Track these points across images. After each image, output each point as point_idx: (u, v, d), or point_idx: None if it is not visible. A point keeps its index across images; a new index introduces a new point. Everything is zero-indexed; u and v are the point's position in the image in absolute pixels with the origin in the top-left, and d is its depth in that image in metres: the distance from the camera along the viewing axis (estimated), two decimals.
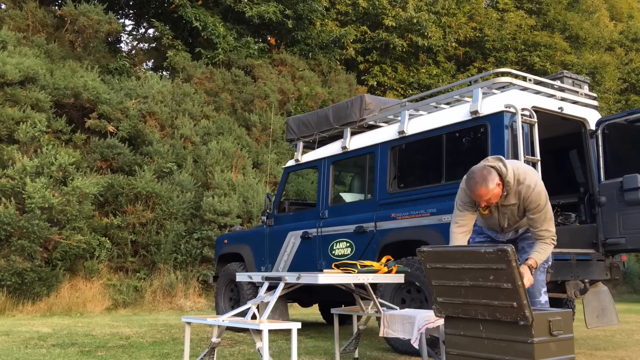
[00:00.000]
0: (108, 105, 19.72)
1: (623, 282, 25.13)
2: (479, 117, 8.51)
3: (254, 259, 12.09)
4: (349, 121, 10.74)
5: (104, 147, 19.29)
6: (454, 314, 5.67)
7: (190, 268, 18.53)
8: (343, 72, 30.10)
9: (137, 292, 17.60)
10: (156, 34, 28.54)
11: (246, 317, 6.57)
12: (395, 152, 9.83)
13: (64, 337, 10.86)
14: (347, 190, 11.99)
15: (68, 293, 16.48)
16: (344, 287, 7.53)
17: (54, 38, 23.16)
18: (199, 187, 19.96)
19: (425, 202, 9.04)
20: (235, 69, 26.13)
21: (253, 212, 19.14)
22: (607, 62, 34.68)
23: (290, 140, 12.27)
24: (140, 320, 14.38)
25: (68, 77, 19.58)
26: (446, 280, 5.64)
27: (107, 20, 23.28)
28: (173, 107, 21.98)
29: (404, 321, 6.88)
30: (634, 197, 8.40)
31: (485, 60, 33.99)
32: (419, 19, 30.73)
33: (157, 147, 19.99)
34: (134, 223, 18.40)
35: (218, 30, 26.01)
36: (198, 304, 17.78)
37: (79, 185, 16.03)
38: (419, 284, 8.76)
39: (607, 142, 9.14)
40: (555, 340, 5.25)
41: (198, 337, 10.72)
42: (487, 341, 5.42)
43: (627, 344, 10.59)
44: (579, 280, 8.76)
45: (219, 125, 22.64)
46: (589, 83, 10.10)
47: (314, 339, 10.84)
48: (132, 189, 18.37)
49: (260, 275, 7.11)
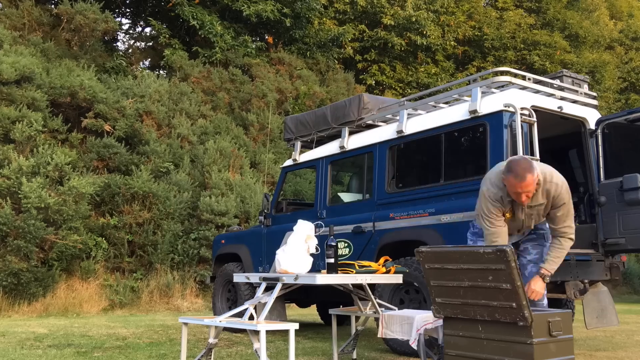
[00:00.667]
0: (105, 104, 19.71)
1: (623, 282, 25.17)
2: (478, 117, 8.50)
3: (252, 259, 12.08)
4: (347, 120, 10.73)
5: (100, 146, 19.27)
6: (453, 315, 5.67)
7: (187, 268, 18.52)
8: (341, 71, 30.10)
9: (133, 292, 17.60)
10: (153, 32, 28.58)
11: (243, 318, 6.56)
12: (393, 151, 9.82)
13: (60, 337, 10.86)
14: (345, 190, 11.99)
15: (64, 293, 16.48)
16: (342, 287, 7.52)
17: (50, 37, 23.14)
18: (196, 187, 19.95)
19: (423, 202, 9.03)
20: (232, 68, 26.15)
21: (250, 212, 19.13)
22: (607, 61, 34.70)
23: (288, 139, 12.25)
24: (137, 321, 14.38)
25: (64, 76, 19.57)
26: (445, 281, 5.64)
27: (104, 19, 23.26)
28: (170, 106, 21.97)
29: (402, 322, 6.87)
30: (634, 196, 8.40)
31: (484, 59, 34.00)
32: (418, 17, 30.74)
33: (154, 146, 19.97)
34: (131, 223, 18.38)
35: (215, 29, 26.02)
36: (195, 304, 17.77)
37: (76, 185, 16.02)
38: (417, 284, 8.76)
39: (607, 142, 9.13)
40: (554, 341, 5.26)
41: (195, 338, 10.71)
42: (486, 342, 5.42)
43: (627, 344, 10.59)
44: (579, 281, 8.77)
45: (216, 125, 22.64)
46: (588, 82, 10.10)
47: (312, 340, 10.83)
48: (128, 189, 18.36)
49: (257, 276, 7.10)
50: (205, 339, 10.36)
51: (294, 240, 6.95)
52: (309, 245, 6.98)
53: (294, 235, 7.02)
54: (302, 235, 6.99)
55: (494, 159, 8.12)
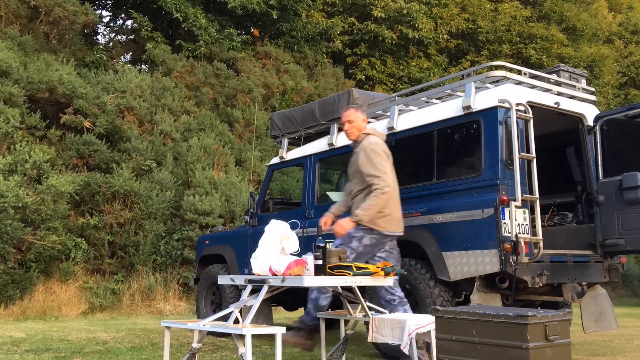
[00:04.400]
0: (84, 100, 19.65)
1: (622, 284, 25.16)
2: (472, 113, 8.51)
3: (237, 261, 12.07)
4: (335, 117, 10.70)
5: (80, 143, 19.22)
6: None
7: (170, 270, 18.50)
8: (330, 66, 30.08)
9: (114, 295, 17.57)
10: (134, 25, 28.45)
11: (228, 322, 6.55)
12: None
13: (38, 342, 10.83)
14: (334, 189, 11.99)
15: (42, 296, 16.44)
16: (331, 290, 7.52)
17: (28, 30, 23.06)
18: (180, 185, 19.92)
19: (415, 201, 9.03)
20: (217, 62, 26.09)
21: (236, 212, 19.12)
22: (606, 55, 34.71)
23: (274, 136, 12.25)
24: (117, 324, 14.36)
25: (43, 70, 19.51)
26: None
27: (84, 11, 23.17)
28: (152, 102, 21.93)
29: (393, 326, 6.87)
30: (634, 196, 8.42)
31: (479, 53, 34.00)
32: (409, 9, 30.64)
33: (135, 143, 19.93)
34: (112, 223, 18.34)
35: (199, 22, 25.94)
36: (178, 307, 17.76)
37: (54, 184, 15.98)
38: (409, 286, 8.77)
39: (606, 139, 9.16)
40: (551, 345, 5.26)
41: (178, 343, 10.71)
42: (480, 346, 5.42)
43: (627, 349, 10.62)
44: (576, 283, 8.80)
45: (200, 121, 22.60)
46: (586, 77, 10.13)
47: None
48: (109, 188, 18.31)
49: (243, 278, 7.09)
50: (189, 343, 10.34)
51: (266, 242, 6.98)
52: (283, 246, 6.99)
53: (264, 237, 7.05)
54: (276, 236, 7.00)
55: (489, 157, 8.15)
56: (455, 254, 8.30)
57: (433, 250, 8.57)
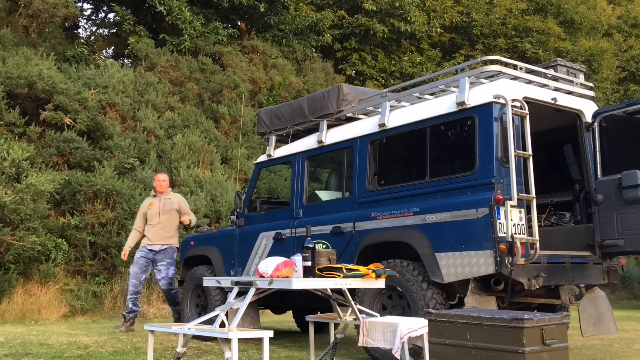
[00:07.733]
0: (65, 95, 19.57)
1: (621, 287, 25.27)
2: (466, 109, 8.51)
3: (223, 262, 12.08)
4: (325, 113, 10.72)
5: (60, 141, 19.13)
6: None
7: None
8: (319, 60, 30.06)
9: (96, 297, 17.52)
10: (117, 18, 28.36)
11: (214, 325, 6.55)
12: (375, 146, 9.83)
13: (17, 346, 10.79)
14: (323, 187, 12.01)
15: (21, 299, 16.39)
16: (320, 292, 7.51)
17: (6, 23, 22.97)
18: None
19: (407, 200, 9.04)
20: (202, 56, 26.04)
21: (222, 212, 19.11)
22: (605, 49, 34.77)
23: (261, 133, 12.24)
24: (99, 328, 14.33)
25: (21, 65, 19.45)
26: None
27: (64, 4, 23.07)
28: (135, 97, 21.87)
29: (384, 329, 6.87)
30: (634, 194, 8.43)
31: (473, 47, 34.05)
32: (402, 2, 30.66)
33: (117, 141, 19.86)
34: (93, 223, 18.27)
35: (184, 15, 25.87)
36: (162, 310, 17.73)
37: (34, 182, 15.93)
38: (401, 289, 8.76)
39: (605, 136, 9.17)
40: (548, 349, 5.26)
41: (162, 347, 10.69)
42: (474, 351, 5.42)
43: (626, 353, 10.63)
44: (574, 285, 8.80)
45: (184, 118, 22.56)
46: (584, 72, 10.14)
47: (288, 349, 10.83)
48: (90, 187, 18.23)
49: (229, 280, 7.08)
50: (173, 347, 10.33)
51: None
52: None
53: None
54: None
55: (483, 154, 8.15)
56: (448, 255, 8.30)
57: (426, 251, 8.57)
